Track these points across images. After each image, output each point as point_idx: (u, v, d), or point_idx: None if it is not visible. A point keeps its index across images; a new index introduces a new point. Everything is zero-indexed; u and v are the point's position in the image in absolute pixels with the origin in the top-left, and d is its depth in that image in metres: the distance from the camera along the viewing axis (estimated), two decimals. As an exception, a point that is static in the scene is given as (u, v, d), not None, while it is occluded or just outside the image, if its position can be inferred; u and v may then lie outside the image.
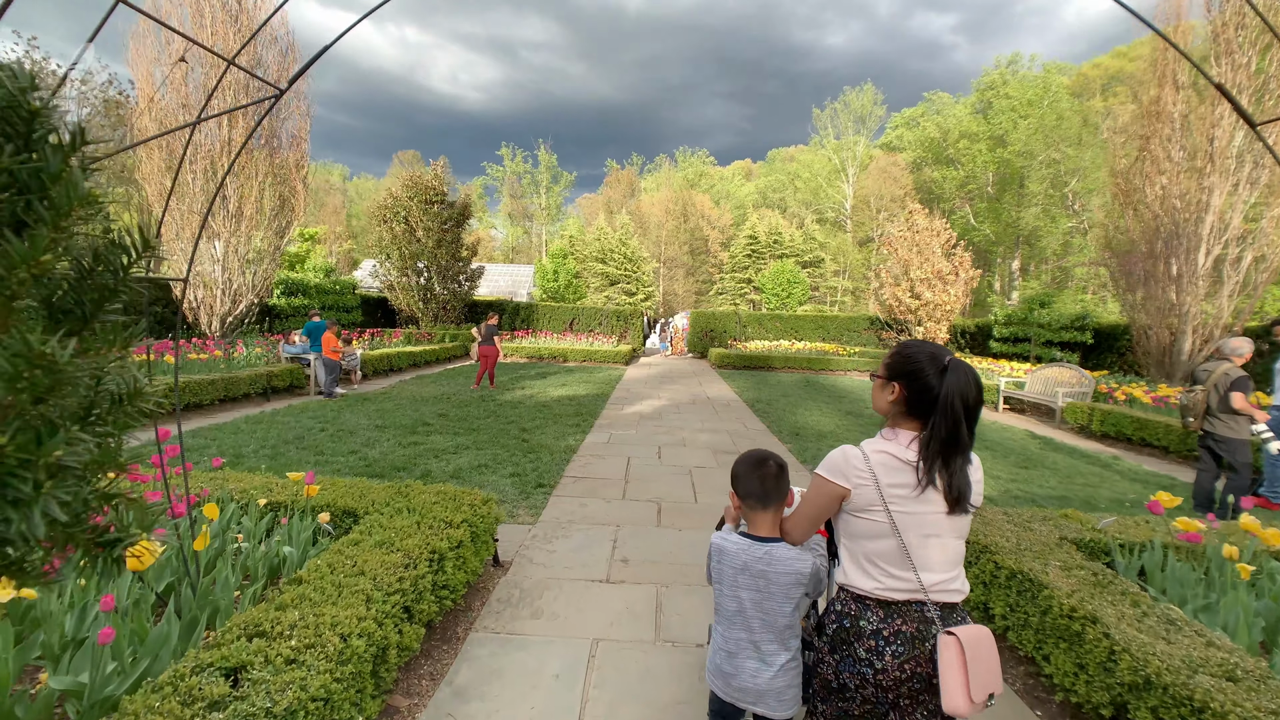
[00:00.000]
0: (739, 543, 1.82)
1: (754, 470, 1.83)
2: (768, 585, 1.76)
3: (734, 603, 1.82)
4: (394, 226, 20.22)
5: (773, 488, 1.81)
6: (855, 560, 1.61)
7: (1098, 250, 40.18)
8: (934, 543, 1.55)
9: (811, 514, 1.71)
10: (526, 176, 69.44)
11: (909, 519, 1.54)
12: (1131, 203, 10.95)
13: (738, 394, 12.96)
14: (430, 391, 11.42)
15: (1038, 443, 8.81)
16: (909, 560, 1.54)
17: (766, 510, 1.82)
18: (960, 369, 1.54)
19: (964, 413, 1.51)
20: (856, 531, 1.60)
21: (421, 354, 15.59)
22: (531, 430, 8.10)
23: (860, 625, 1.58)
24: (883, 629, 1.55)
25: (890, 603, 1.57)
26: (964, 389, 1.51)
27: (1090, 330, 13.93)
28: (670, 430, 8.73)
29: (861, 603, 1.59)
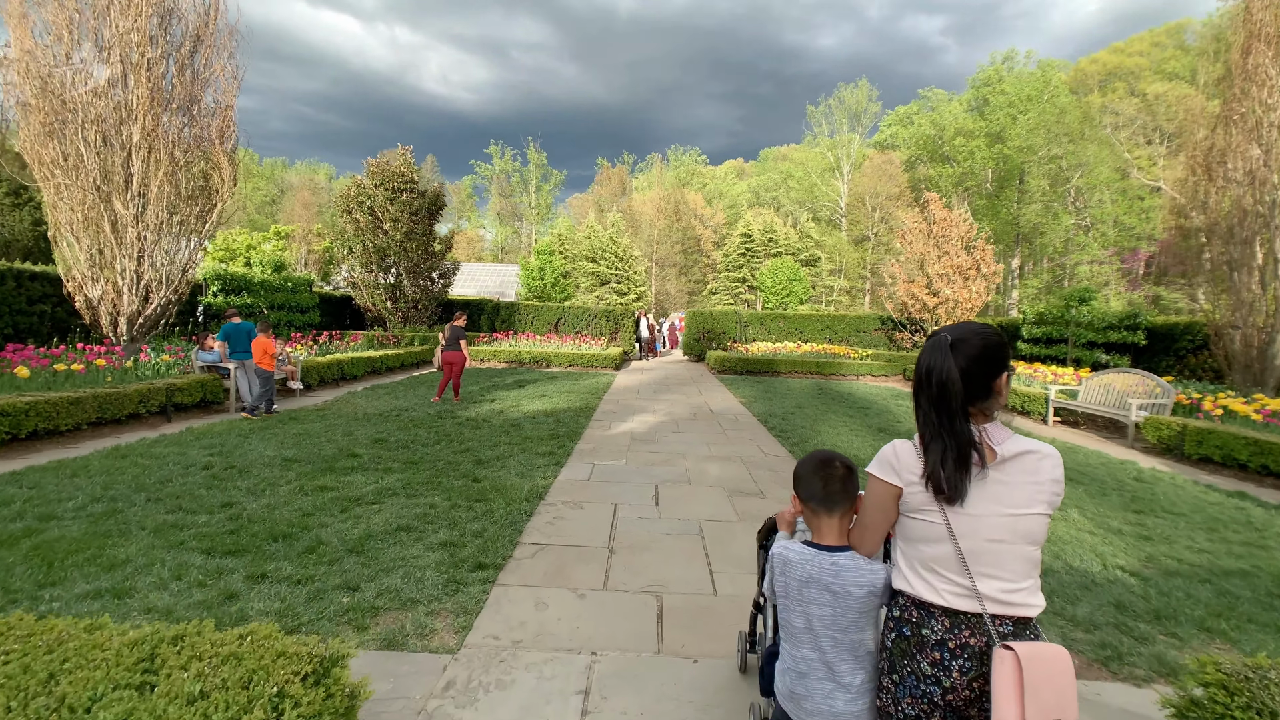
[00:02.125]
0: (803, 552, 1.66)
1: (818, 471, 1.68)
2: (837, 600, 1.60)
3: (801, 619, 1.65)
4: (357, 217, 18.29)
5: (838, 491, 1.66)
6: (912, 566, 1.47)
7: (1164, 232, 38.90)
8: (1000, 549, 1.37)
9: (874, 520, 1.55)
10: (516, 175, 67.83)
11: (968, 522, 1.38)
12: (1213, 180, 9.23)
13: (745, 405, 11.14)
14: (380, 406, 9.53)
15: (1127, 470, 7.05)
16: (965, 568, 1.38)
17: (832, 515, 1.67)
18: (960, 342, 1.41)
19: (950, 391, 1.39)
20: (912, 534, 1.46)
21: (381, 359, 13.66)
22: (489, 463, 6.23)
23: (923, 634, 1.42)
24: (948, 640, 1.39)
25: (956, 612, 1.39)
26: (949, 368, 1.40)
27: (1143, 330, 12.24)
28: (669, 459, 6.90)
29: (924, 609, 1.43)
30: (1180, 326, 11.87)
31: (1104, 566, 4.00)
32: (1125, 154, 41.39)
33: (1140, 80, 45.67)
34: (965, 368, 1.41)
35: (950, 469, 1.39)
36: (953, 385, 1.41)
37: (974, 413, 1.45)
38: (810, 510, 1.70)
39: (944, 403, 1.41)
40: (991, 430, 1.46)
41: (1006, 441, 1.44)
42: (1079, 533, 4.71)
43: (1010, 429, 1.49)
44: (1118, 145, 41.28)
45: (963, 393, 1.41)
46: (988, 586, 1.39)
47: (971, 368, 1.42)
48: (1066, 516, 5.11)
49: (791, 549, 1.69)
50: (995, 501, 1.39)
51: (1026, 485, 1.40)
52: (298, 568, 3.59)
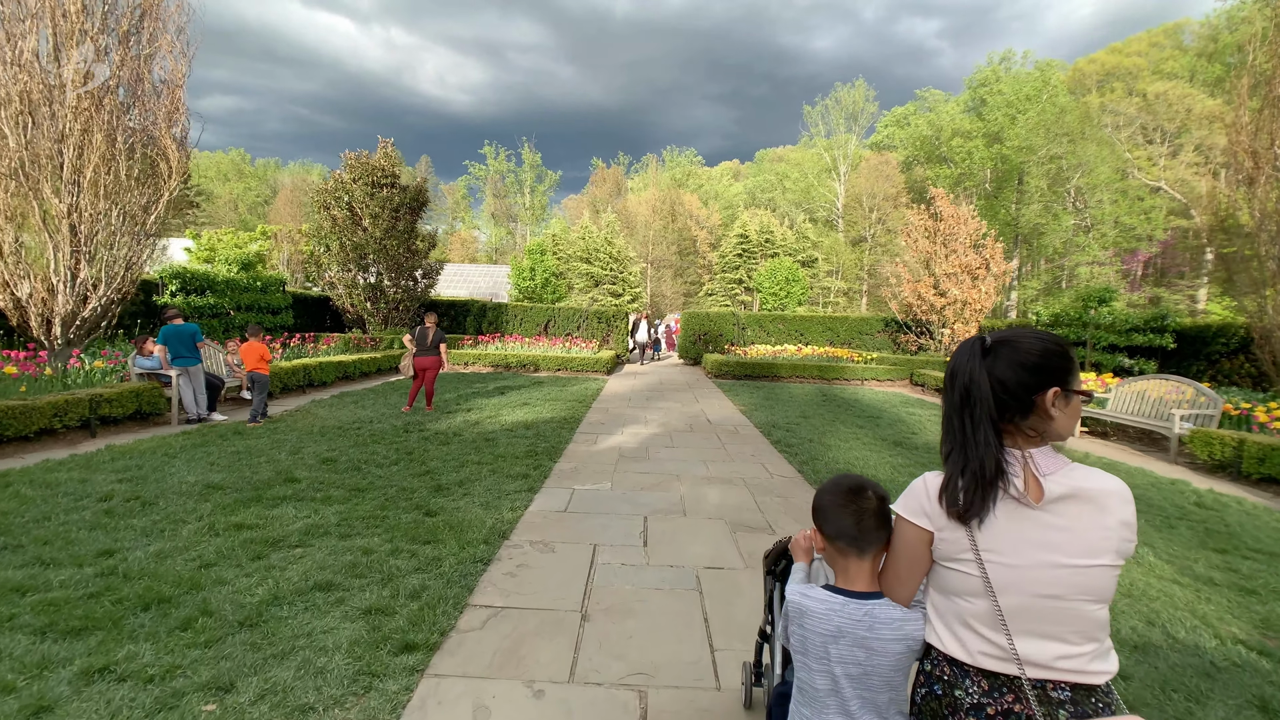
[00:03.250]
0: (828, 601, 1.36)
1: (849, 504, 1.38)
2: (871, 656, 1.32)
3: (826, 680, 1.36)
4: (335, 213, 17.34)
5: (872, 528, 1.35)
6: (944, 619, 1.24)
7: (1165, 232, 38.17)
8: (1054, 607, 1.12)
9: (905, 568, 1.29)
10: (510, 176, 67.09)
11: (1013, 575, 1.14)
12: (1261, 167, 8.41)
13: (745, 414, 10.25)
14: (342, 417, 8.60)
15: (1181, 492, 6.19)
16: (1002, 626, 1.15)
17: (864, 557, 1.37)
18: (1001, 346, 1.21)
19: (964, 400, 1.21)
20: (945, 585, 1.23)
21: (353, 364, 12.72)
22: (450, 490, 5.32)
23: (955, 696, 1.21)
24: (986, 705, 1.17)
25: (998, 675, 1.17)
26: (1000, 371, 1.20)
27: (1171, 332, 11.42)
28: (661, 481, 5.99)
29: (958, 667, 1.22)
30: (1213, 328, 11.06)
31: (1217, 639, 3.12)
32: (1126, 154, 40.82)
33: (1139, 80, 45.17)
34: (1001, 375, 1.21)
35: (968, 485, 1.19)
36: (977, 391, 1.22)
37: (1013, 430, 1.23)
38: (838, 550, 1.42)
39: (968, 410, 1.23)
40: (1039, 458, 1.21)
41: (1059, 472, 1.19)
42: (1164, 583, 3.83)
43: (1066, 455, 1.23)
44: (1118, 145, 40.71)
45: (990, 401, 1.21)
46: (1033, 649, 1.16)
47: (1009, 375, 1.21)
48: (1140, 559, 4.23)
49: (812, 596, 1.41)
50: (1046, 549, 1.15)
51: (1090, 530, 1.15)
52: (160, 653, 2.67)
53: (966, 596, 1.21)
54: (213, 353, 9.47)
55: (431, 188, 72.47)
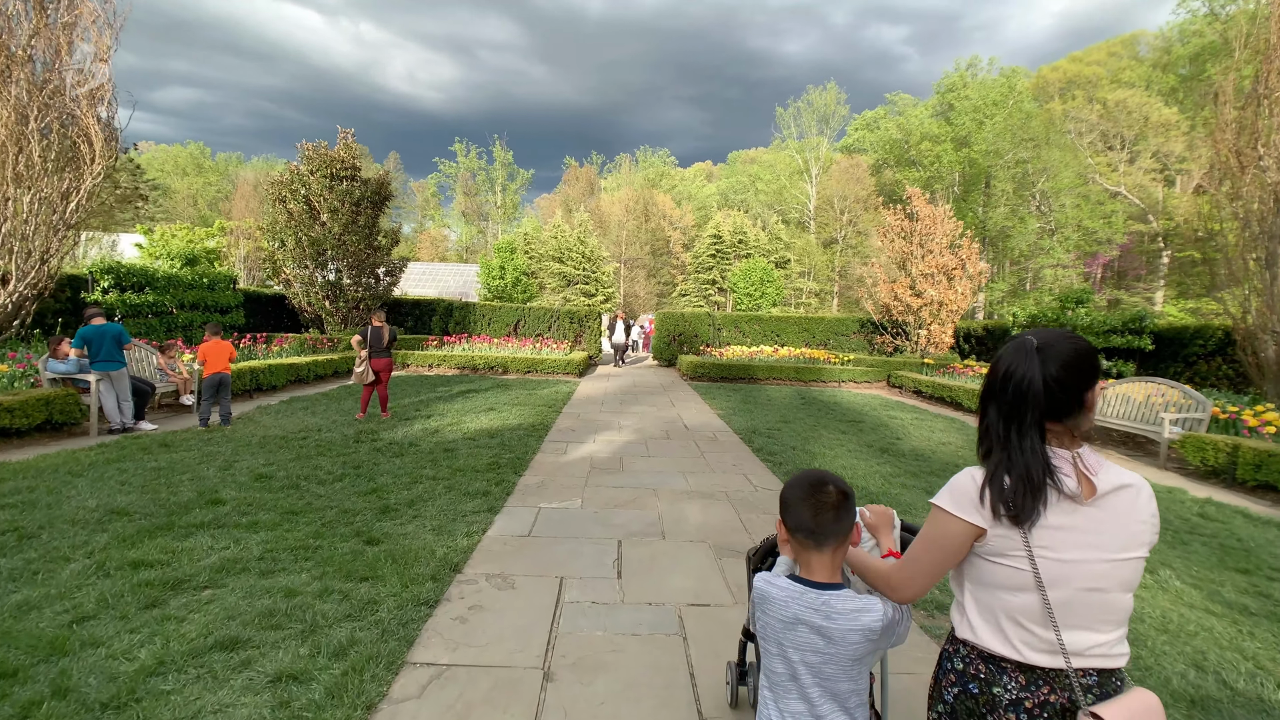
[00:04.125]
0: (788, 589, 1.39)
1: (808, 498, 1.39)
2: (829, 645, 1.35)
3: (784, 664, 1.40)
4: (291, 206, 16.39)
5: (829, 522, 1.37)
6: (985, 614, 1.23)
7: (1125, 236, 39.08)
8: (1098, 600, 1.16)
9: (933, 562, 1.26)
10: (481, 174, 65.94)
11: (1063, 570, 1.16)
12: (1245, 167, 8.25)
13: (723, 419, 9.78)
14: (288, 425, 7.86)
15: (1182, 502, 5.89)
16: (1051, 620, 1.16)
17: (822, 551, 1.39)
18: (1053, 344, 1.20)
19: (1056, 397, 1.18)
20: (989, 579, 1.22)
21: (307, 366, 11.90)
22: (398, 512, 4.70)
23: (994, 693, 1.21)
24: (1025, 699, 1.19)
25: (1033, 667, 1.19)
26: (1054, 373, 1.18)
27: (1149, 334, 11.32)
28: (637, 496, 5.46)
29: (995, 664, 1.22)
30: (1190, 330, 10.98)
31: (1278, 687, 2.71)
32: (1088, 159, 41.78)
33: (1099, 89, 46.37)
34: (1056, 376, 1.19)
35: (1016, 488, 1.17)
36: (1032, 394, 1.19)
37: (1061, 431, 1.23)
38: (798, 543, 1.42)
39: (1017, 413, 1.21)
40: (1087, 457, 1.22)
41: (1103, 471, 1.21)
42: (1197, 613, 3.44)
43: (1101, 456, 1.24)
44: (1080, 151, 41.66)
45: (1043, 404, 1.20)
46: (1077, 640, 1.17)
47: (1063, 376, 1.19)
48: (1164, 583, 3.85)
49: (775, 584, 1.43)
50: (1094, 546, 1.17)
51: (1130, 523, 1.19)
52: (-14, 752, 2.04)
53: (1013, 591, 1.21)
54: (143, 355, 8.63)
55: (400, 185, 70.90)
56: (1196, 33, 41.58)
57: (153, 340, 10.72)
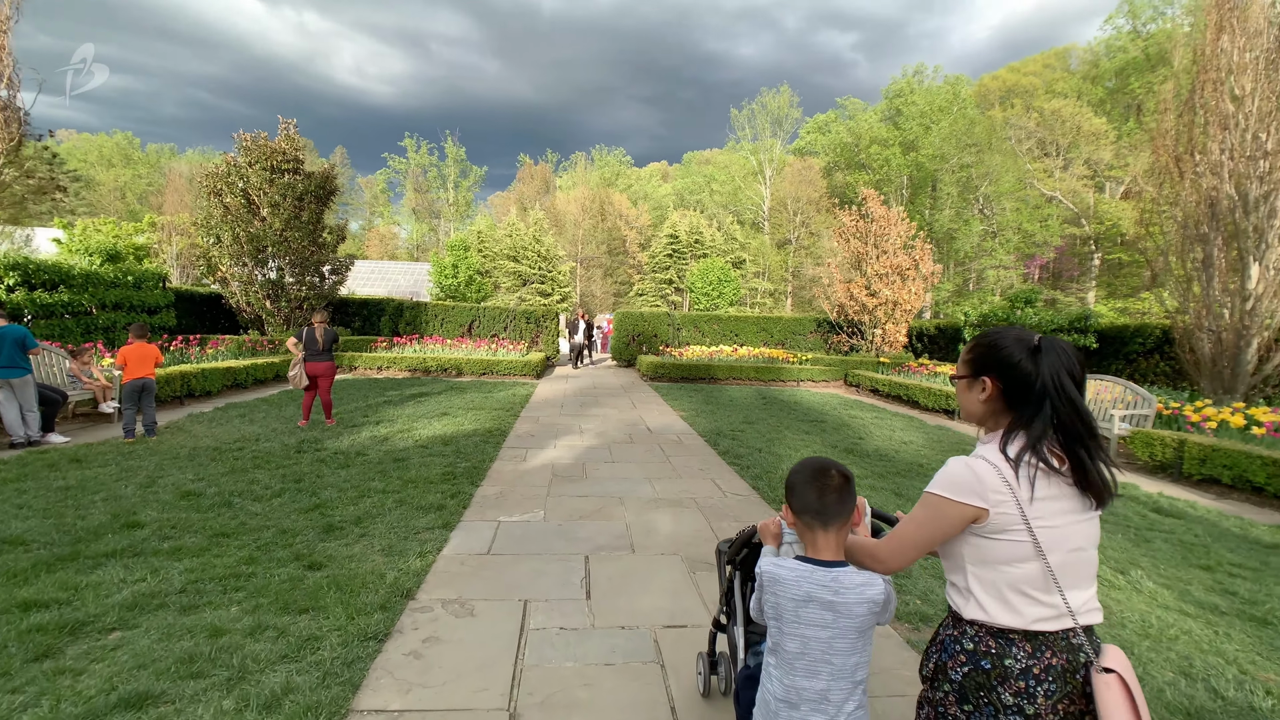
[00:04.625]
0: (798, 569, 1.50)
1: (813, 482, 1.52)
2: (838, 619, 1.45)
3: (796, 643, 1.48)
4: (227, 200, 15.42)
5: (833, 503, 1.50)
6: (992, 590, 1.33)
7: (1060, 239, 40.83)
8: (1080, 557, 1.33)
9: (925, 539, 1.39)
10: (433, 170, 64.30)
11: (1055, 534, 1.30)
12: (1184, 173, 8.57)
13: (687, 422, 9.61)
14: (223, 435, 7.27)
15: (1136, 498, 6.01)
16: (1054, 583, 1.30)
17: (828, 530, 1.50)
18: (1056, 345, 1.36)
19: (1077, 393, 1.33)
20: (991, 556, 1.33)
21: (245, 370, 11.16)
22: (343, 530, 4.31)
23: (1005, 665, 1.30)
24: (1032, 666, 1.29)
25: (1040, 634, 1.31)
26: (1069, 364, 1.33)
27: (1094, 332, 11.73)
28: (603, 506, 5.20)
29: (1003, 638, 1.32)
30: (1130, 329, 11.43)
31: (1269, 695, 2.67)
32: (1027, 165, 43.61)
33: (1035, 98, 48.54)
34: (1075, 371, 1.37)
35: (1100, 471, 1.33)
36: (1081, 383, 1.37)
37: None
38: (805, 524, 1.53)
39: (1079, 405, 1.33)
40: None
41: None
42: (1173, 615, 3.42)
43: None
44: (1020, 157, 43.46)
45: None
46: (1075, 599, 1.32)
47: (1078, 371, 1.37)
48: (1136, 583, 3.84)
49: (784, 566, 1.53)
50: (1070, 511, 1.33)
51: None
52: None
53: (1016, 563, 1.30)
54: (53, 359, 7.86)
55: (348, 180, 68.60)
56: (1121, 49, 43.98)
57: (66, 344, 9.83)
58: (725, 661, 2.57)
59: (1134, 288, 40.13)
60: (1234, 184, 8.22)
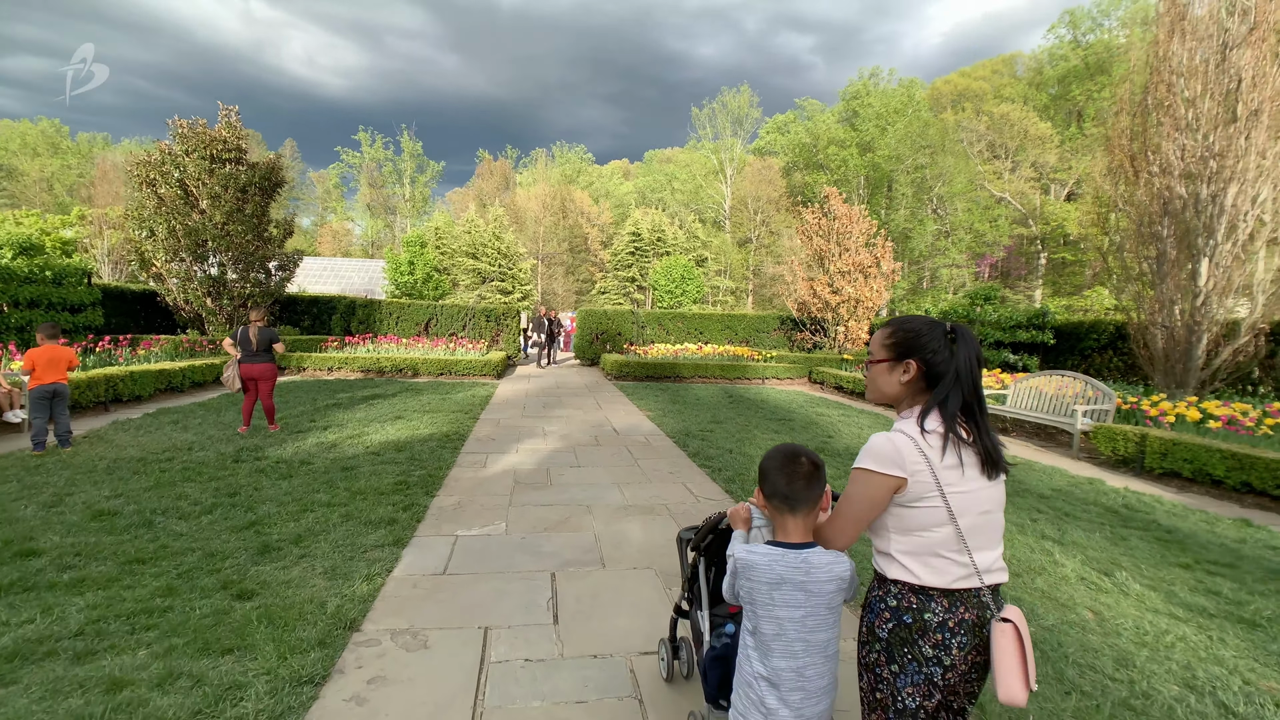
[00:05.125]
0: (770, 553, 1.58)
1: (784, 468, 1.61)
2: (810, 598, 1.55)
3: (772, 625, 1.56)
4: (162, 190, 14.44)
5: (801, 489, 1.59)
6: (914, 554, 1.47)
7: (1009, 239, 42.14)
8: (988, 519, 1.49)
9: (863, 514, 1.51)
10: (388, 165, 62.47)
11: (964, 499, 1.45)
12: (1139, 172, 8.74)
13: (654, 422, 9.34)
14: (149, 445, 6.65)
15: (1103, 492, 6.02)
16: (964, 545, 1.45)
17: (796, 514, 1.60)
18: (967, 334, 1.53)
19: (979, 372, 1.51)
20: (911, 524, 1.47)
21: (180, 373, 10.38)
22: (281, 550, 3.88)
23: (925, 619, 1.45)
24: (948, 620, 1.45)
25: (955, 591, 1.46)
26: (976, 351, 1.53)
27: (1051, 329, 11.96)
28: (569, 515, 4.88)
29: (924, 595, 1.46)
30: (1085, 325, 11.69)
31: (1276, 706, 2.54)
32: (978, 167, 44.91)
33: (985, 102, 50.10)
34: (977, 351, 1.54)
35: (991, 441, 1.50)
36: (981, 367, 1.55)
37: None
38: (775, 508, 1.63)
39: (980, 386, 1.52)
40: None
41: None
42: (1165, 619, 3.31)
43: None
44: (972, 159, 44.73)
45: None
46: (984, 560, 1.47)
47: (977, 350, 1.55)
48: (1122, 586, 3.74)
49: (756, 551, 1.60)
50: (975, 478, 1.46)
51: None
52: None
53: (932, 528, 1.45)
54: (-46, 363, 7.08)
55: (298, 175, 66.00)
56: (1063, 57, 45.74)
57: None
58: (686, 646, 2.61)
59: (1077, 286, 41.83)
60: (1185, 183, 8.41)
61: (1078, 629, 3.19)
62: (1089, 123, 42.66)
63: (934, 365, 1.51)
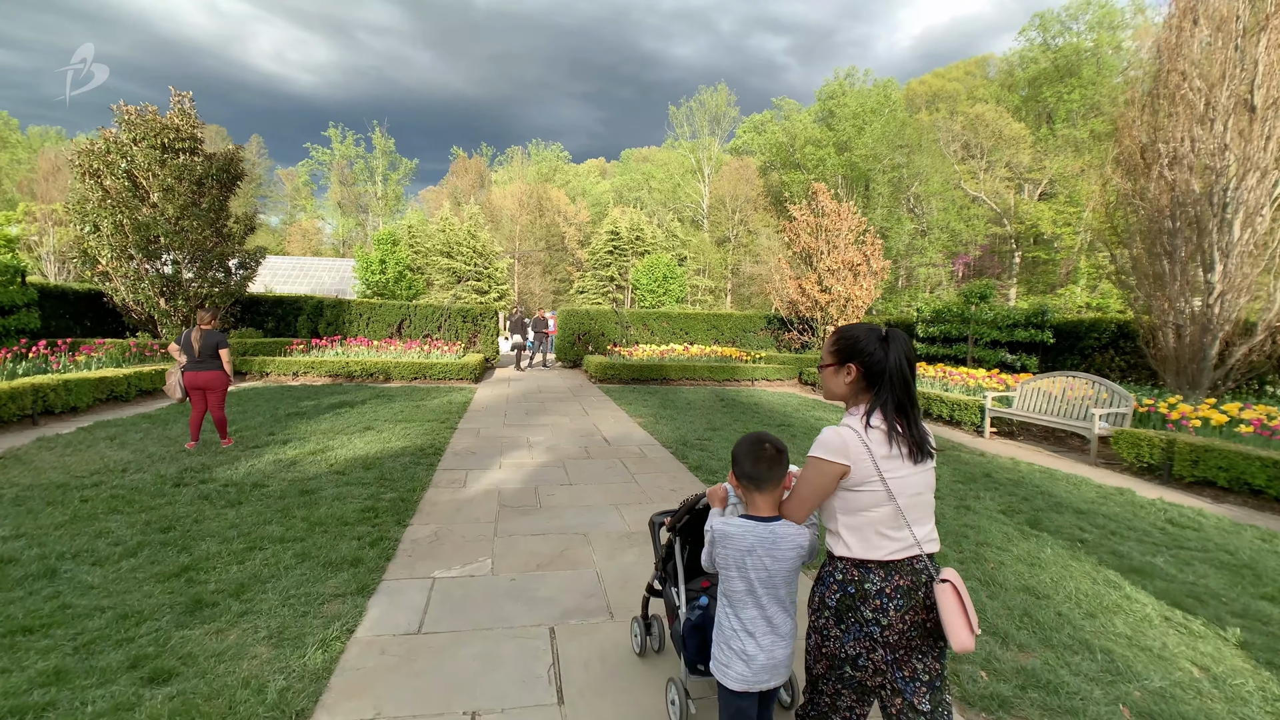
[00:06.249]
0: (742, 525, 1.86)
1: (751, 453, 1.88)
2: (775, 563, 1.84)
3: (743, 583, 1.87)
4: (107, 182, 13.36)
5: (766, 471, 1.86)
6: (856, 531, 1.70)
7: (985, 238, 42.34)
8: (921, 500, 1.72)
9: (813, 495, 1.75)
10: (359, 162, 60.76)
11: (900, 483, 1.68)
12: (1150, 165, 8.37)
13: (647, 429, 8.72)
14: (77, 465, 5.81)
15: (1139, 506, 5.57)
16: (904, 521, 1.68)
17: (763, 491, 1.87)
18: (898, 336, 1.74)
19: (910, 373, 1.72)
20: (856, 505, 1.69)
21: (126, 380, 9.45)
22: (219, 603, 3.16)
23: (865, 589, 1.67)
24: (885, 587, 1.66)
25: (890, 563, 1.68)
26: (907, 352, 1.73)
27: (1050, 328, 11.62)
28: (566, 548, 4.22)
29: (864, 568, 1.69)
30: (1085, 324, 11.37)
31: None
32: (954, 166, 45.19)
33: (959, 103, 50.55)
34: (910, 353, 1.75)
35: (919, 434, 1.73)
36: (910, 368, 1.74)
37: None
38: (744, 487, 1.90)
39: (910, 382, 1.73)
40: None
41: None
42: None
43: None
44: (948, 158, 45.00)
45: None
46: (920, 532, 1.71)
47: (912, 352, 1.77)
48: (1220, 631, 3.22)
49: (732, 524, 1.88)
50: (910, 464, 1.70)
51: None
52: None
53: (873, 508, 1.68)
54: None
55: (266, 171, 63.82)
56: (1033, 60, 46.31)
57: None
58: (658, 622, 2.88)
59: (1050, 284, 42.38)
60: (1199, 176, 8.06)
61: (1192, 693, 2.65)
62: (1060, 124, 43.24)
63: (871, 366, 1.70)
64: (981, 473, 6.67)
